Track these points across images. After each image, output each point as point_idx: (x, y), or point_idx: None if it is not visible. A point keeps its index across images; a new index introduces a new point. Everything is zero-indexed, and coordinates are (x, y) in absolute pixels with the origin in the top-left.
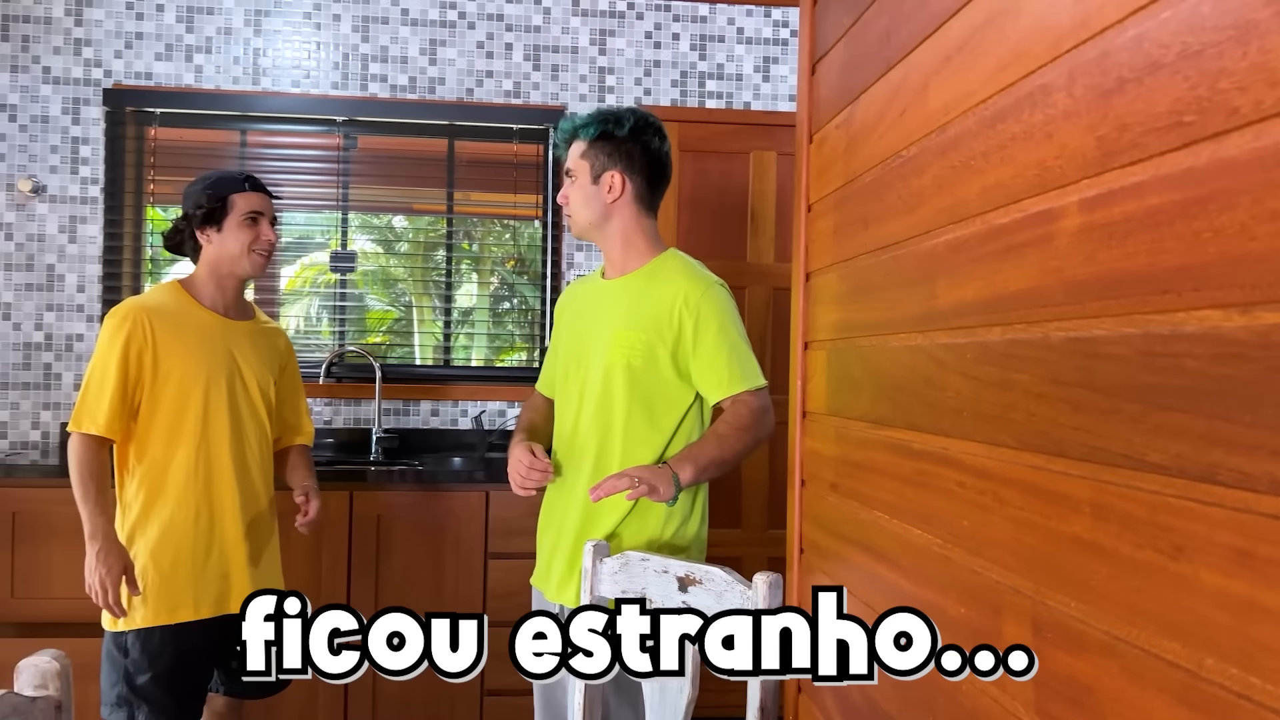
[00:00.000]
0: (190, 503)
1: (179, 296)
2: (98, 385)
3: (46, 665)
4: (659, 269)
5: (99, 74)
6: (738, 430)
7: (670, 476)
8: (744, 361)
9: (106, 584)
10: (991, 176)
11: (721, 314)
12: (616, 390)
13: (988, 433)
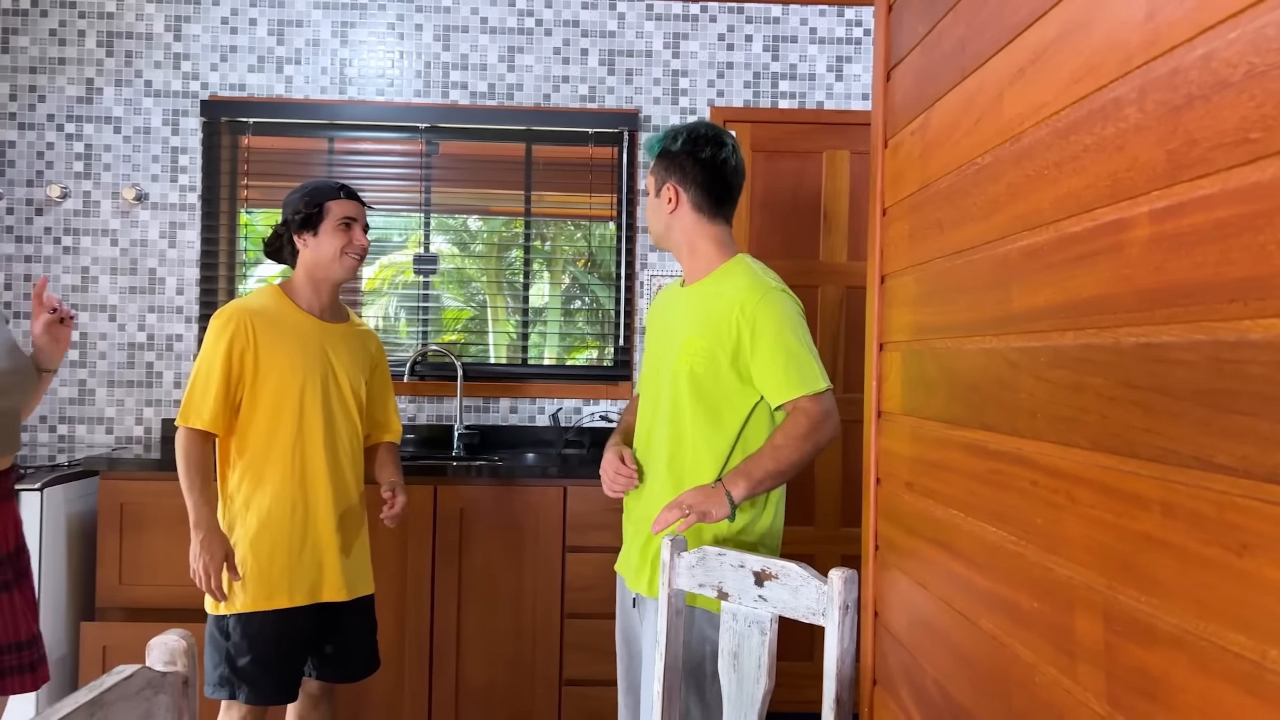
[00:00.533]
0: (287, 495)
1: (279, 299)
2: (203, 382)
3: (175, 643)
4: (723, 276)
5: (196, 86)
6: (793, 439)
7: (723, 496)
8: (802, 366)
9: (209, 570)
10: (1064, 186)
11: (778, 320)
12: (683, 395)
13: (1061, 434)
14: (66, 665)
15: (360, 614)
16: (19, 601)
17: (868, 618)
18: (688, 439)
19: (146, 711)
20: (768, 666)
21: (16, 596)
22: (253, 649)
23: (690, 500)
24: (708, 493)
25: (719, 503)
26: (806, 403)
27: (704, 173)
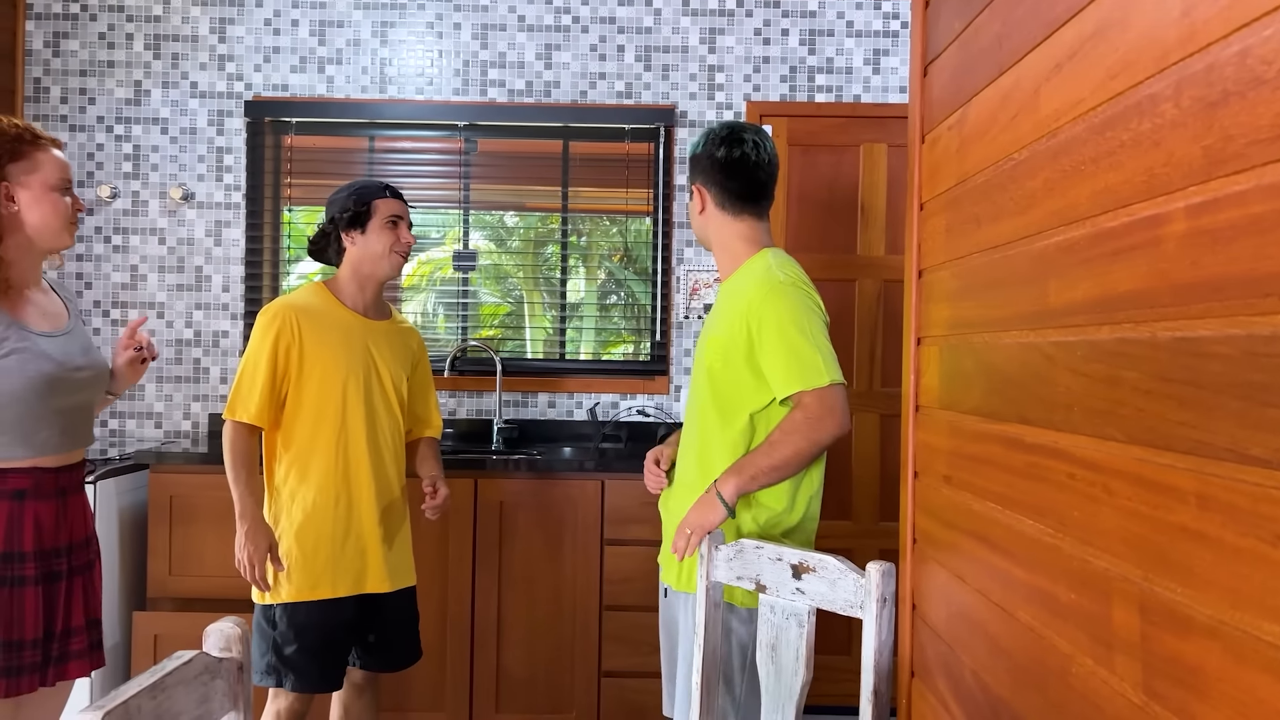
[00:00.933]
0: (330, 489)
1: (324, 297)
2: (249, 377)
3: (230, 630)
4: (743, 273)
5: (240, 87)
6: (789, 434)
7: (714, 499)
8: (803, 361)
9: (254, 560)
10: (1101, 181)
11: (780, 316)
12: (705, 393)
13: (1097, 427)
14: (119, 653)
15: (402, 605)
16: (87, 587)
17: (905, 610)
18: (712, 436)
19: (204, 695)
20: (806, 658)
21: (84, 582)
22: (299, 638)
23: (689, 521)
24: (700, 505)
25: (712, 508)
26: (808, 397)
27: (720, 171)
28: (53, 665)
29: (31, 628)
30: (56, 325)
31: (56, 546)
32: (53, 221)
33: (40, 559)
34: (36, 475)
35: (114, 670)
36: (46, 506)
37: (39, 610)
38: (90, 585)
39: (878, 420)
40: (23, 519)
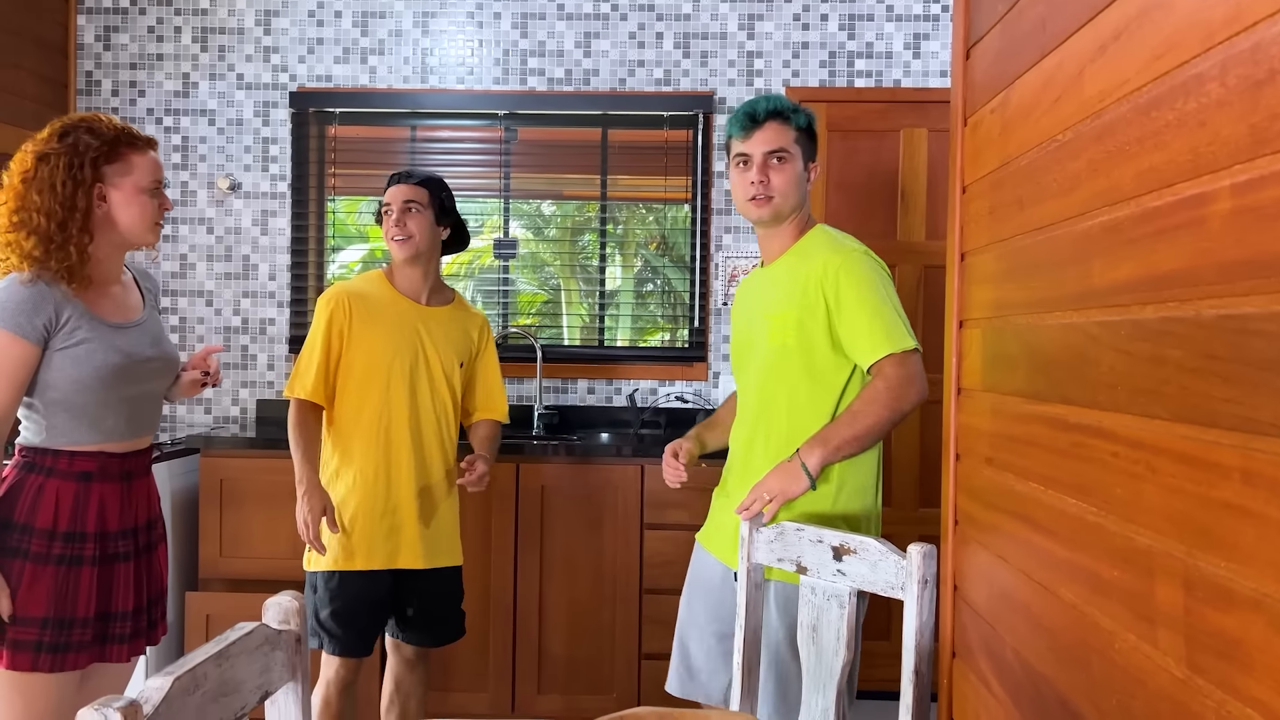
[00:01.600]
0: (370, 467)
1: (381, 283)
2: (307, 356)
3: (288, 604)
4: (805, 246)
5: (285, 78)
6: (871, 404)
7: (799, 469)
8: (888, 325)
9: (309, 521)
10: (1145, 161)
11: (860, 281)
12: (778, 373)
13: (1141, 405)
14: (173, 632)
15: (442, 583)
16: (151, 567)
17: (947, 591)
18: (784, 420)
19: (265, 665)
20: (847, 639)
21: (148, 562)
22: (332, 603)
23: (769, 486)
24: (783, 471)
25: (795, 477)
26: (890, 366)
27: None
28: (127, 643)
29: (84, 606)
30: (128, 317)
31: (121, 529)
32: (139, 222)
33: (100, 540)
34: (102, 459)
35: (168, 648)
36: (111, 489)
37: (93, 591)
38: (154, 565)
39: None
40: (88, 501)
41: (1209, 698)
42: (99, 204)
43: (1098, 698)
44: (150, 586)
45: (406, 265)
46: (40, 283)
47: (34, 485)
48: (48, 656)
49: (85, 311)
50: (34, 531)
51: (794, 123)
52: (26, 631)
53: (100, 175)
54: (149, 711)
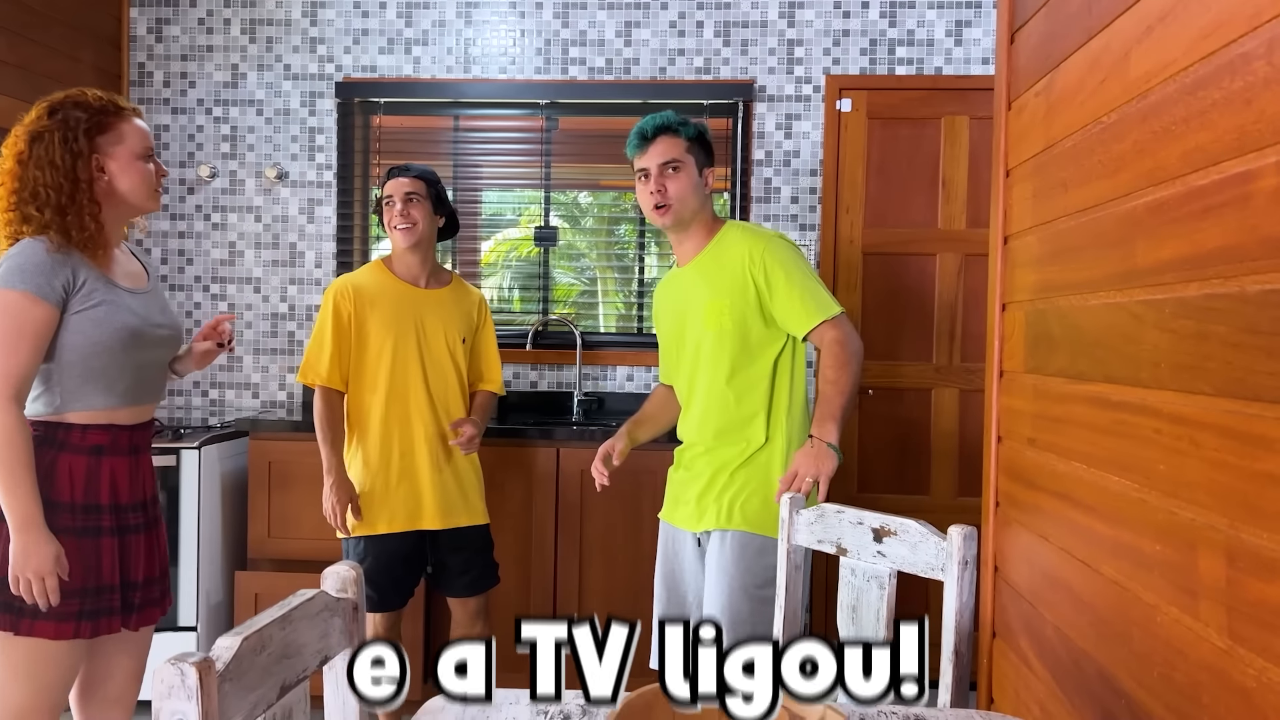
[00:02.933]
0: (384, 440)
1: (380, 271)
2: (316, 344)
3: (346, 573)
4: (722, 241)
5: (331, 69)
6: (840, 367)
7: (825, 449)
8: (816, 295)
9: (336, 510)
10: (1191, 141)
11: (785, 261)
12: (717, 357)
13: (1184, 381)
14: (223, 610)
15: (465, 539)
16: (156, 541)
17: (987, 572)
18: (730, 396)
19: (324, 631)
20: (887, 620)
21: (154, 537)
22: (360, 565)
23: (806, 470)
24: (810, 454)
25: (825, 456)
26: (830, 330)
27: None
28: (135, 612)
29: (109, 574)
30: (138, 284)
31: (132, 502)
32: (140, 188)
33: (115, 513)
34: (113, 432)
35: (217, 626)
36: (121, 463)
37: (115, 559)
38: (158, 539)
39: (957, 395)
40: (99, 474)
41: (1250, 666)
42: (99, 175)
43: (1139, 671)
44: (160, 559)
45: (407, 252)
46: (57, 246)
47: (47, 460)
48: (88, 624)
49: (101, 275)
50: (53, 505)
51: (684, 134)
52: (67, 603)
53: (95, 146)
54: (220, 668)
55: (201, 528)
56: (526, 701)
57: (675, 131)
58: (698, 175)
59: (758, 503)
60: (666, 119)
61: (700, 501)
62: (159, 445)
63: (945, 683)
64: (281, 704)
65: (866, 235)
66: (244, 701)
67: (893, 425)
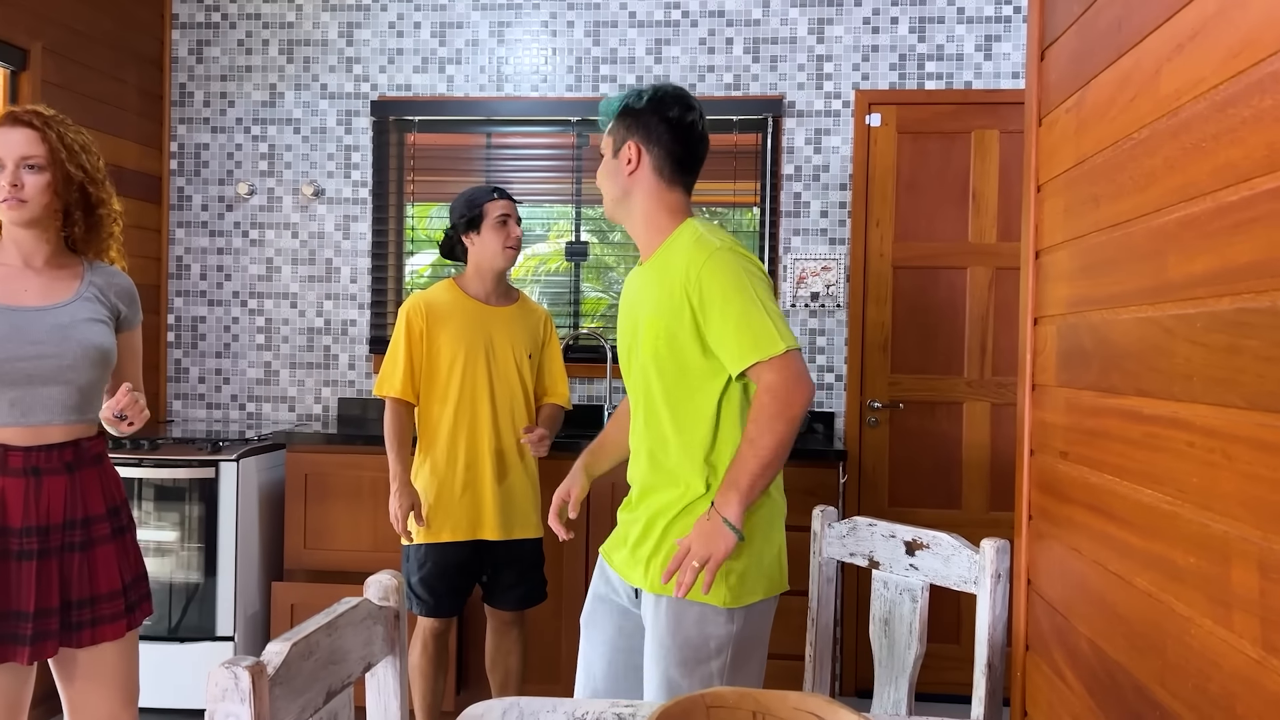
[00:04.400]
0: (451, 451)
1: (452, 290)
2: (391, 359)
3: (388, 581)
4: (670, 246)
5: (366, 88)
6: (765, 424)
7: (720, 525)
8: (755, 329)
9: (399, 516)
10: (1222, 157)
11: (723, 282)
12: (654, 384)
13: (1217, 395)
14: (259, 620)
15: (520, 552)
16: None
17: (1020, 586)
18: (669, 432)
19: (368, 639)
20: (919, 632)
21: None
22: (420, 570)
23: (696, 552)
24: (703, 531)
25: (719, 535)
26: (767, 374)
27: (669, 133)
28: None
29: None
30: (42, 301)
31: (25, 526)
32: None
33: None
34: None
35: (254, 636)
36: (13, 484)
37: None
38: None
39: (989, 409)
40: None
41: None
42: None
43: (1173, 682)
44: (73, 587)
45: (498, 271)
46: None
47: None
48: None
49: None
50: None
51: (608, 115)
52: None
53: None
54: (271, 673)
55: (240, 539)
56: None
57: (608, 113)
58: (611, 156)
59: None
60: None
61: (635, 552)
62: (197, 458)
63: (978, 696)
64: (328, 708)
65: (896, 249)
66: (293, 705)
67: (924, 439)
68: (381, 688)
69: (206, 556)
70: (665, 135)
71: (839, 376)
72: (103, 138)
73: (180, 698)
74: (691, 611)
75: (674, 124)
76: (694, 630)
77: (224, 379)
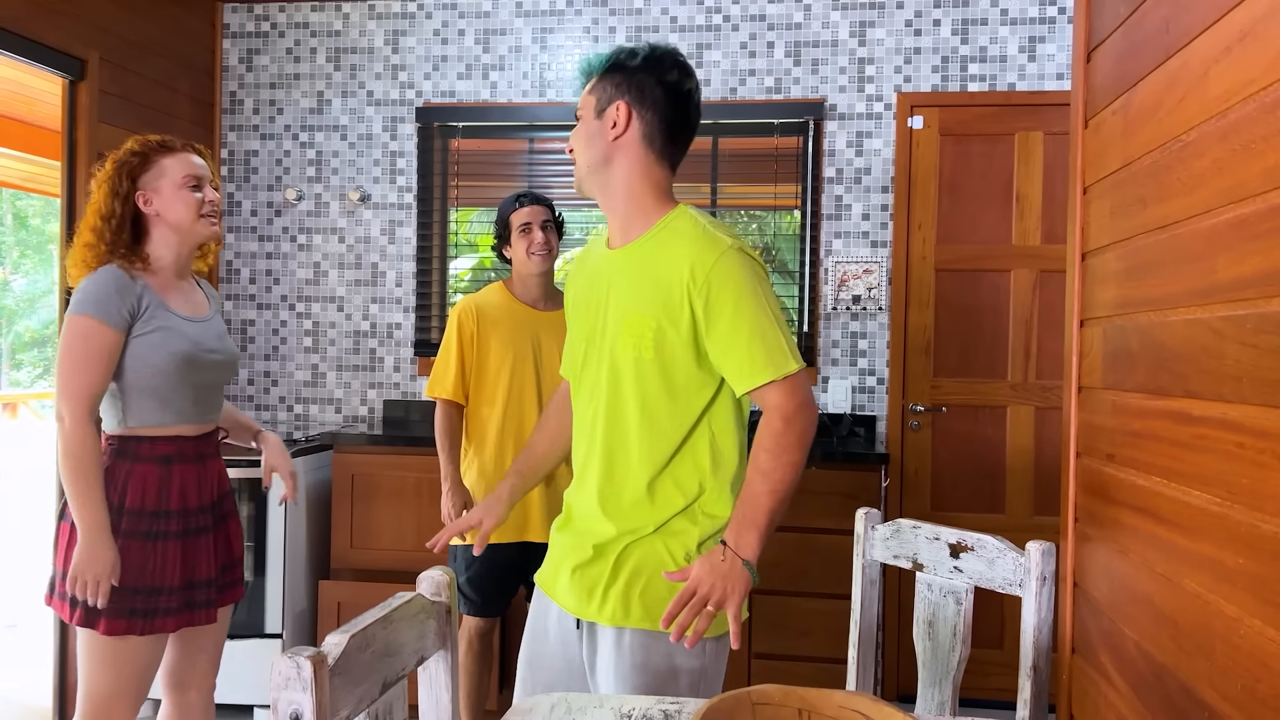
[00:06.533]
0: (499, 453)
1: (501, 293)
2: (442, 361)
3: (440, 578)
4: (666, 233)
5: (412, 94)
6: (776, 453)
7: (738, 567)
8: (768, 344)
9: (452, 515)
10: (1272, 158)
11: (737, 288)
12: (630, 386)
13: (1267, 396)
14: (306, 618)
15: None
16: (222, 538)
17: (1066, 588)
18: (633, 444)
19: (420, 633)
20: (964, 635)
21: (225, 532)
22: (467, 571)
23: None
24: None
25: (737, 576)
26: (776, 396)
27: (666, 97)
28: (203, 608)
29: (170, 576)
30: (198, 312)
31: (200, 505)
32: (184, 215)
33: (183, 517)
34: (179, 443)
35: (301, 633)
36: (189, 471)
37: (179, 562)
38: (228, 535)
39: (1033, 413)
40: (169, 482)
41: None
42: (146, 207)
43: (1222, 684)
44: (227, 554)
45: (534, 276)
46: (124, 275)
47: (123, 470)
48: (139, 621)
49: (161, 303)
50: (124, 511)
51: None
52: (120, 600)
53: (139, 185)
54: (331, 663)
55: (288, 538)
56: (611, 705)
57: (590, 74)
58: (594, 116)
59: (664, 590)
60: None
61: (578, 577)
62: (248, 458)
63: (1023, 699)
64: (383, 700)
65: (939, 251)
66: (351, 695)
67: (968, 443)
68: (434, 681)
69: (256, 555)
70: (661, 99)
71: (880, 380)
72: None
73: (230, 693)
74: (661, 643)
75: (671, 89)
76: (663, 663)
77: (272, 381)
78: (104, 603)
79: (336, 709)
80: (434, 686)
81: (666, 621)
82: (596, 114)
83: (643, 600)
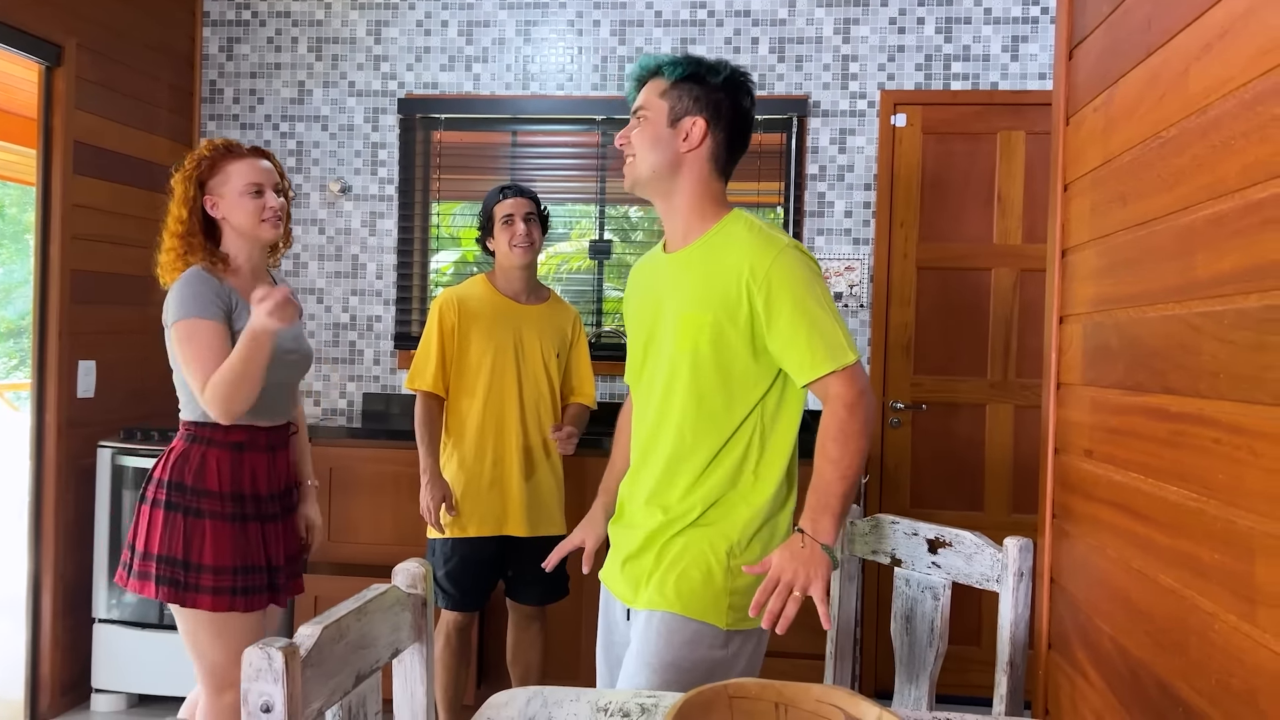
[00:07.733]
0: (479, 447)
1: (484, 286)
2: (423, 352)
3: (416, 570)
4: (721, 236)
5: (394, 85)
6: (842, 441)
7: (818, 552)
8: (827, 337)
9: (430, 507)
10: (1251, 155)
11: (795, 284)
12: (686, 380)
13: (1244, 392)
14: (285, 612)
15: (544, 549)
16: (290, 526)
17: (1043, 585)
18: (689, 436)
19: (395, 625)
20: (941, 630)
21: (290, 523)
22: (445, 565)
23: (787, 578)
24: (799, 558)
25: (818, 562)
26: (839, 386)
27: (738, 121)
28: (281, 591)
29: (256, 556)
30: None
31: (271, 493)
32: (245, 221)
33: (256, 502)
34: (251, 432)
35: (279, 625)
36: (260, 459)
37: (260, 543)
38: (292, 525)
39: (1012, 411)
40: (241, 467)
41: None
42: (213, 211)
43: (1195, 679)
44: (294, 545)
45: (517, 269)
46: (210, 276)
47: (198, 453)
48: (241, 599)
49: (245, 304)
50: (205, 493)
51: (667, 75)
52: (222, 579)
53: (207, 189)
54: (303, 654)
55: None
56: (587, 699)
57: (661, 73)
58: (665, 125)
59: (699, 577)
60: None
61: (627, 568)
62: None
63: (999, 694)
64: (357, 692)
65: (921, 250)
66: (323, 687)
67: (947, 441)
68: (408, 673)
69: None
70: (735, 123)
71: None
72: (135, 134)
73: None
74: (685, 630)
75: (744, 114)
76: (684, 651)
77: None
78: None
79: (309, 700)
80: (409, 679)
81: (755, 610)
82: (670, 122)
83: (677, 586)
